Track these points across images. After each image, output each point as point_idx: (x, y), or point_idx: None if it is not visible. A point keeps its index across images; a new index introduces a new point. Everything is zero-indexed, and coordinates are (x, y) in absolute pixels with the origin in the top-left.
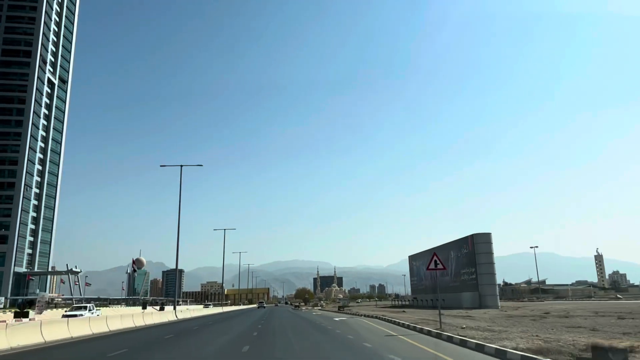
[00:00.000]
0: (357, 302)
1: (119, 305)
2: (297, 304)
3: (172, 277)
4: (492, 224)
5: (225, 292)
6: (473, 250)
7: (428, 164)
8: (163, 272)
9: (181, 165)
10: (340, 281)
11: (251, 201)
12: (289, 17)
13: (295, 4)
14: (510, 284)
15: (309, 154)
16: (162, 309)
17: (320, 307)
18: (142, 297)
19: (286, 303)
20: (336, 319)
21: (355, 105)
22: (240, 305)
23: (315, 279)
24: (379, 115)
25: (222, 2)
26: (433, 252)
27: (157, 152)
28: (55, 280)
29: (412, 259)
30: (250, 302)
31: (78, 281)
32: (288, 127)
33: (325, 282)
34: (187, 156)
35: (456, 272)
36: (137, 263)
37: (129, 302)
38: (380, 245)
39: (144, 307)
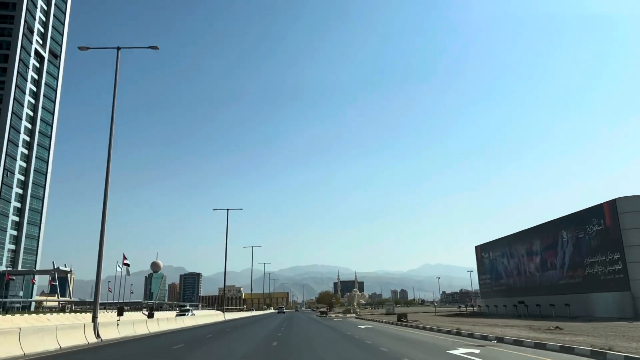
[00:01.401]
0: None
1: (104, 311)
2: (325, 309)
3: (190, 281)
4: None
5: (243, 296)
6: (615, 226)
7: (450, 170)
8: (180, 275)
9: (118, 48)
10: (361, 286)
11: (270, 206)
12: (310, 22)
13: (314, 11)
14: None
15: (327, 158)
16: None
17: (356, 315)
18: (146, 301)
19: (314, 309)
20: (478, 353)
21: (375, 110)
22: (252, 310)
23: (335, 284)
24: (400, 120)
25: (239, 7)
26: None
27: (177, 158)
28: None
29: (483, 249)
30: (269, 307)
31: (55, 281)
32: (307, 131)
33: (346, 286)
34: (206, 162)
35: (575, 263)
36: (153, 267)
37: (124, 307)
38: (399, 251)
39: (120, 313)
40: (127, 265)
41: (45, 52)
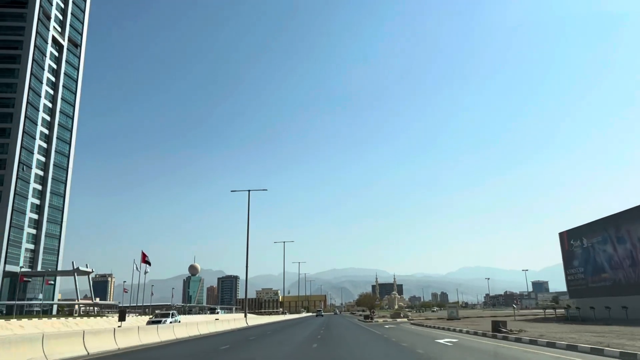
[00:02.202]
0: (433, 310)
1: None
2: (369, 313)
3: (228, 284)
4: (557, 231)
5: (280, 299)
6: None
7: (485, 171)
8: (218, 278)
9: None
10: (400, 289)
11: (307, 210)
12: (329, 26)
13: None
14: None
15: (363, 159)
16: None
17: (408, 319)
18: (176, 304)
19: (354, 313)
20: None
21: (409, 105)
22: (285, 314)
23: (373, 287)
24: (426, 120)
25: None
26: None
27: (211, 161)
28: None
29: (571, 236)
30: (308, 310)
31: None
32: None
33: (384, 289)
34: (236, 165)
35: None
36: (191, 269)
37: (146, 310)
38: (438, 254)
39: (122, 318)
40: (148, 263)
41: (64, 40)
